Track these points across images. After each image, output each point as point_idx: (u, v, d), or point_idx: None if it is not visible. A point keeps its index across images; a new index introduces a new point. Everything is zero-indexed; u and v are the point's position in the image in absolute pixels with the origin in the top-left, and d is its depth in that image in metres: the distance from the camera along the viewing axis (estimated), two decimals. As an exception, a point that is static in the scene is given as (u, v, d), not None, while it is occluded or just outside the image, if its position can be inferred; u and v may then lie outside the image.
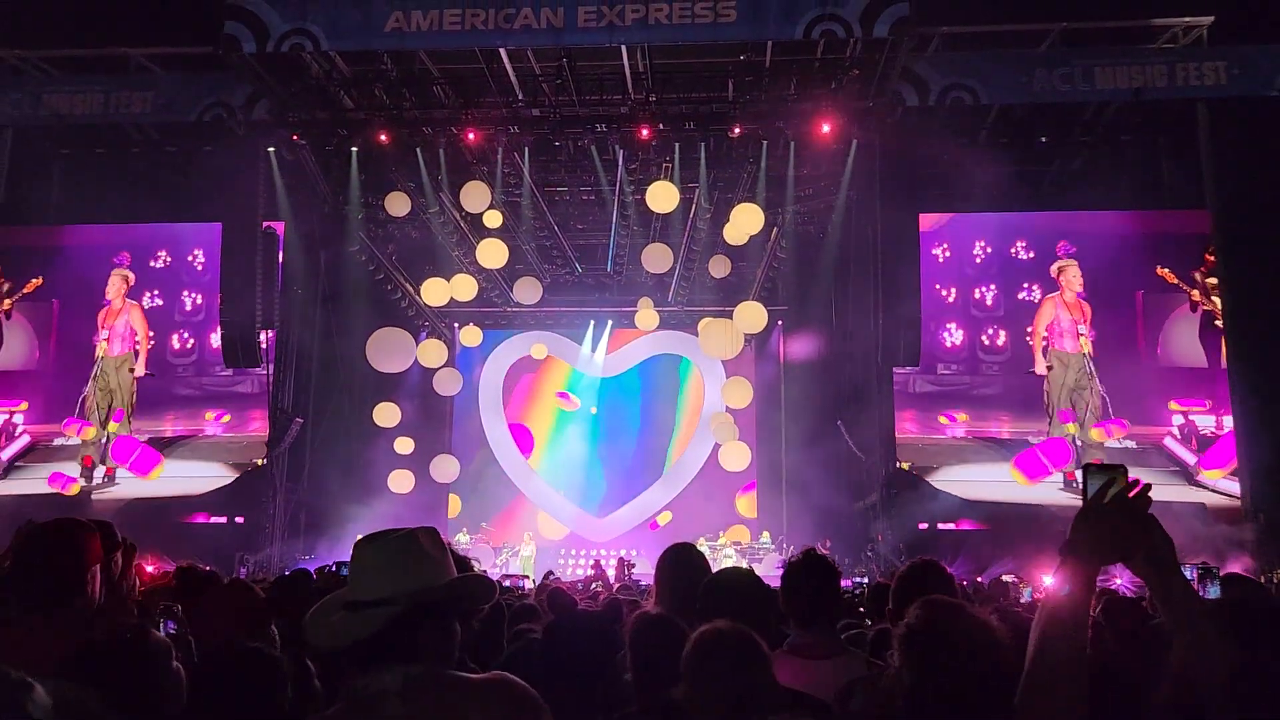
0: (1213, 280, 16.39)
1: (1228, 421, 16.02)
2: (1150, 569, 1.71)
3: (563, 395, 21.26)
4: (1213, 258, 16.34)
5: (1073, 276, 17.08)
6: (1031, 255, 17.42)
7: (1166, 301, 16.88)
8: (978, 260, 17.57)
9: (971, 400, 17.10)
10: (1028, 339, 17.11)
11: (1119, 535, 1.65)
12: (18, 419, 17.89)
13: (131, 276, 18.34)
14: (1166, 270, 16.72)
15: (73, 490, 17.01)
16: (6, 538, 2.77)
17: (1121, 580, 5.72)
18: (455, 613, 1.90)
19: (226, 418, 17.80)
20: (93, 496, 17.11)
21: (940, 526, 16.27)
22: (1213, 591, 5.30)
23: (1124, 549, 1.67)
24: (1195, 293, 16.72)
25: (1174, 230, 17.07)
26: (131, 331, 18.13)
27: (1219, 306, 16.24)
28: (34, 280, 18.21)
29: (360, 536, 1.94)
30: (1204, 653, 1.70)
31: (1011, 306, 17.30)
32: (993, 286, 17.46)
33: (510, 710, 1.80)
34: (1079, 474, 1.79)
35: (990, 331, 17.37)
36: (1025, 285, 17.31)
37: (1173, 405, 16.50)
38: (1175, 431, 16.39)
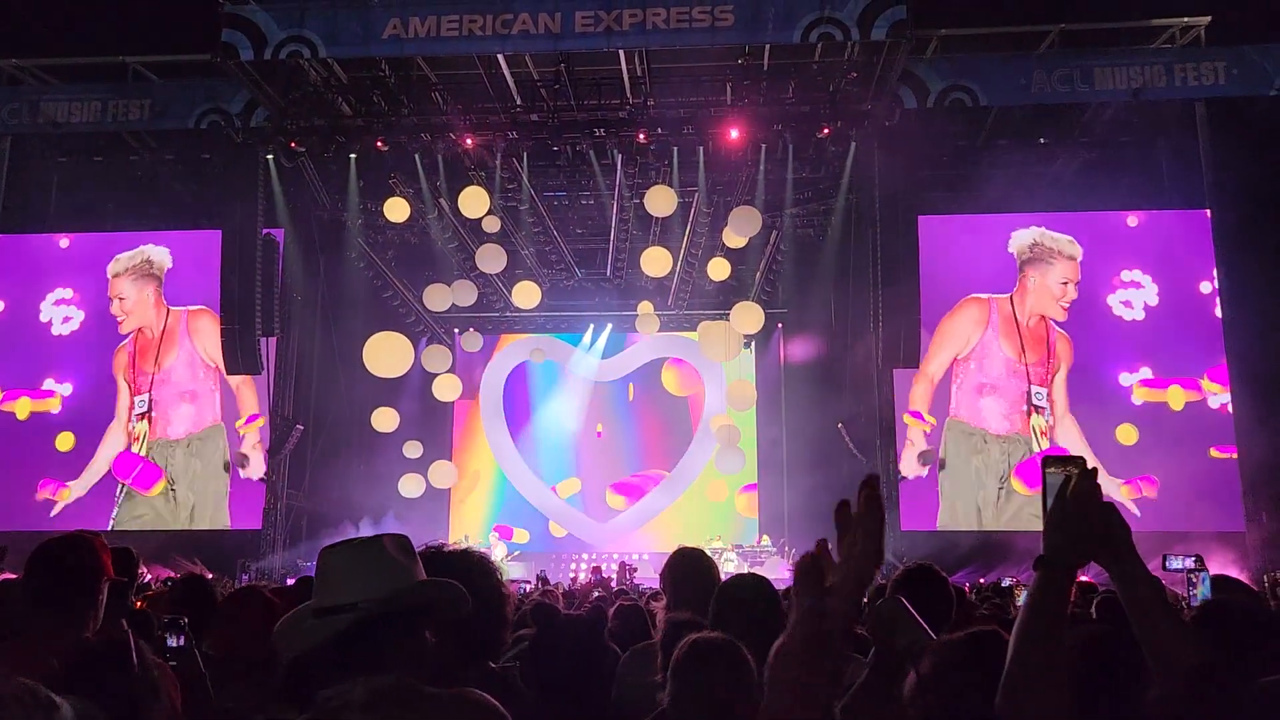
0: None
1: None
2: (1108, 556, 1.70)
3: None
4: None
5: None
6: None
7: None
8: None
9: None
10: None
11: (1091, 533, 1.64)
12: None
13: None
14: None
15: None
16: None
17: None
18: (425, 620, 1.84)
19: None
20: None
21: (944, 529, 16.25)
22: (1203, 589, 5.30)
23: (1096, 547, 1.66)
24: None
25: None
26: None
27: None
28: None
29: (325, 547, 1.90)
30: (1160, 641, 1.69)
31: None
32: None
33: None
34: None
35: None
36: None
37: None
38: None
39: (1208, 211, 16.53)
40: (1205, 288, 16.90)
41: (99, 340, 18.34)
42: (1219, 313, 16.32)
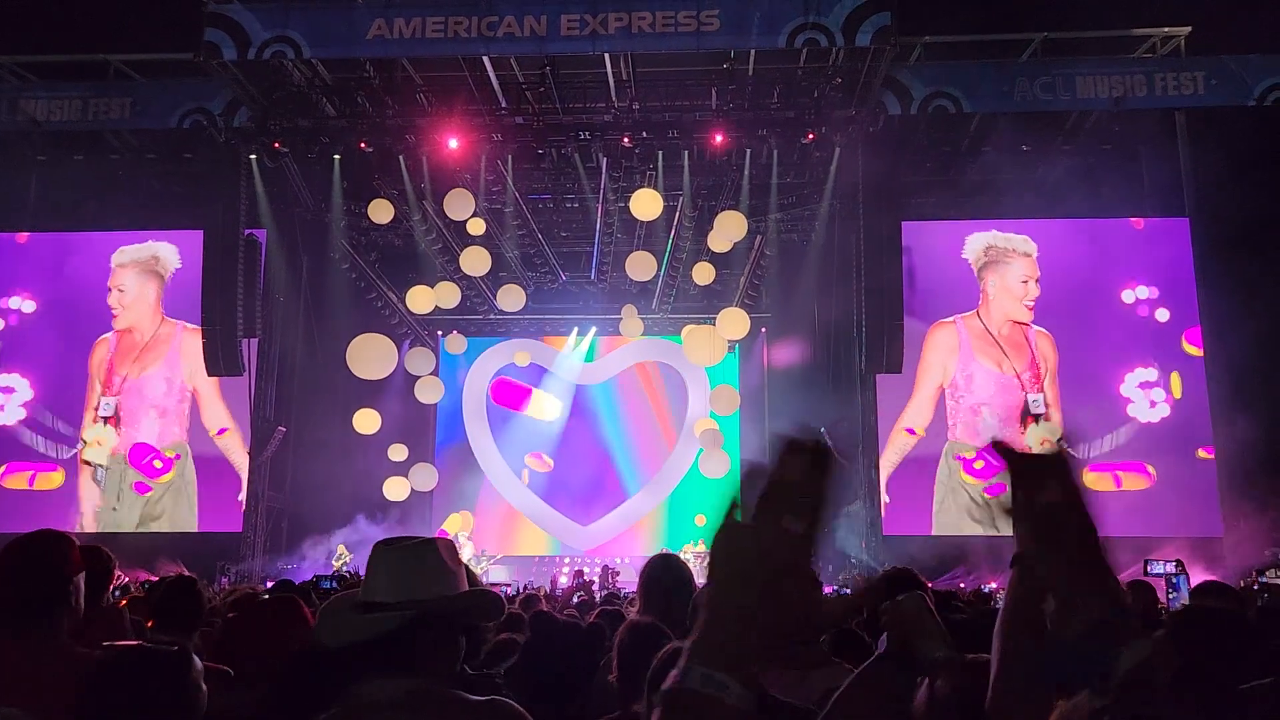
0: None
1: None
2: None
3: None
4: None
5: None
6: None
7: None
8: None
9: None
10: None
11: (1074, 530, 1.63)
12: None
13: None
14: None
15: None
16: None
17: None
18: (462, 626, 1.90)
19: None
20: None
21: (931, 534, 16.32)
22: (1182, 593, 5.35)
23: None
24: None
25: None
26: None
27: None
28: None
29: (379, 540, 1.94)
30: None
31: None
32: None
33: None
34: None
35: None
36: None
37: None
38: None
39: (1187, 220, 16.72)
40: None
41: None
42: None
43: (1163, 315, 17.15)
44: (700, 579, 3.33)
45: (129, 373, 18.08)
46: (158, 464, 17.68)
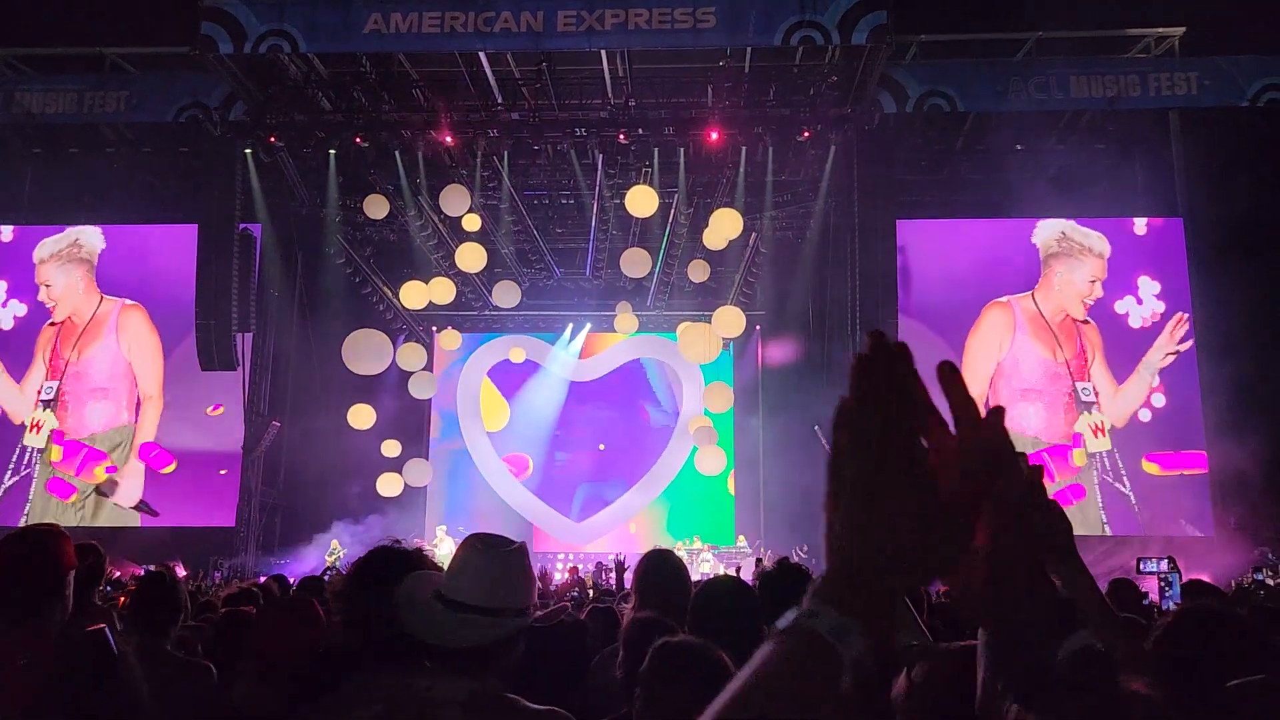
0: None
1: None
2: (1048, 554, 1.70)
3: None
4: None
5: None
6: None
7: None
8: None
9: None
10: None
11: (1044, 528, 1.64)
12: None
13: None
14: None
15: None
16: None
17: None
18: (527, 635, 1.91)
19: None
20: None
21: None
22: (1174, 591, 5.40)
23: (1050, 541, 1.66)
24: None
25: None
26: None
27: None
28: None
29: (473, 535, 1.93)
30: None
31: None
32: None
33: None
34: None
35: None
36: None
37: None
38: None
39: (1180, 219, 16.77)
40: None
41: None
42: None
43: (1155, 314, 17.21)
44: (695, 576, 3.36)
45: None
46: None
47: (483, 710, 1.70)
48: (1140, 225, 17.54)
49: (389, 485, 17.46)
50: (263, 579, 8.12)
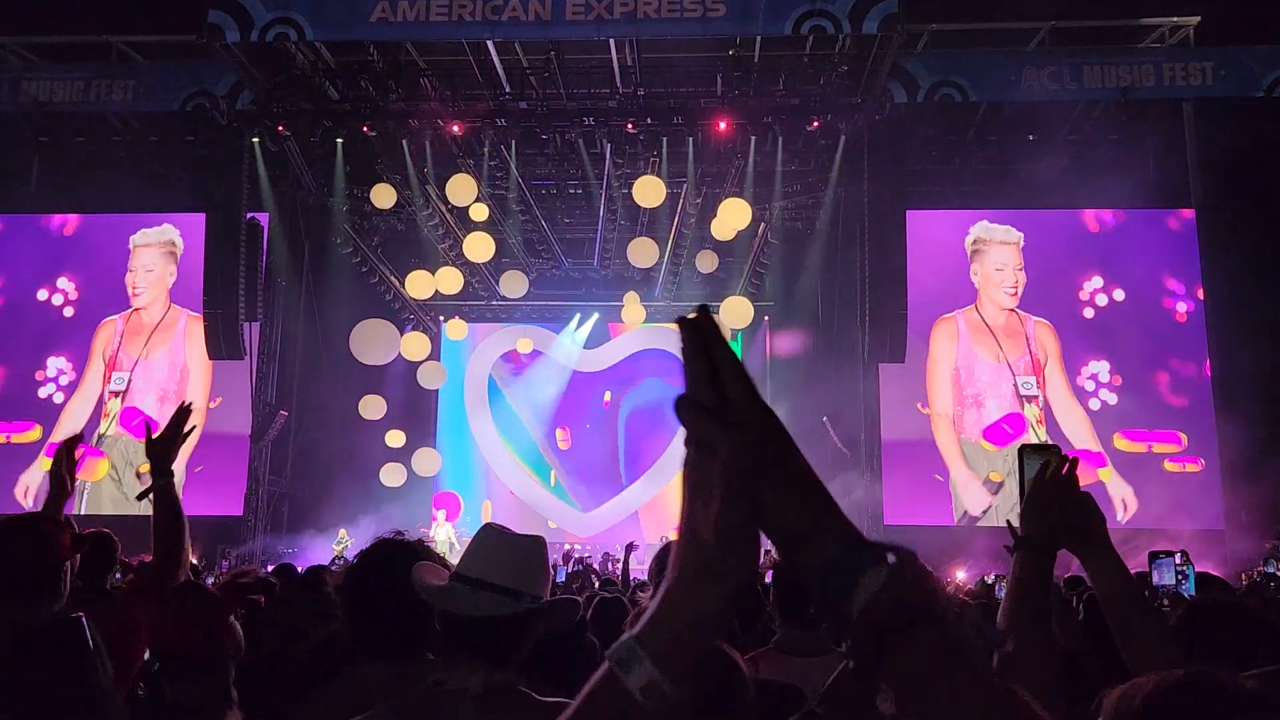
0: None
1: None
2: (1082, 546, 1.68)
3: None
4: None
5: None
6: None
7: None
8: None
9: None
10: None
11: (1067, 518, 1.62)
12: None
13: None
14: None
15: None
16: None
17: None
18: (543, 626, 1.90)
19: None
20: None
21: (932, 523, 16.32)
22: (1189, 583, 5.36)
23: (1073, 533, 1.65)
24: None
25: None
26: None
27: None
28: None
29: (490, 523, 1.94)
30: (1136, 637, 1.68)
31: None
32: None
33: None
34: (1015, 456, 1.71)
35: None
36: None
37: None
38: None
39: (1194, 211, 16.64)
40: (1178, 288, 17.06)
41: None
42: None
43: (1168, 305, 17.12)
44: None
45: (140, 355, 18.14)
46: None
47: (498, 704, 1.67)
48: (1153, 216, 17.42)
49: (393, 475, 17.48)
50: (270, 567, 8.12)
